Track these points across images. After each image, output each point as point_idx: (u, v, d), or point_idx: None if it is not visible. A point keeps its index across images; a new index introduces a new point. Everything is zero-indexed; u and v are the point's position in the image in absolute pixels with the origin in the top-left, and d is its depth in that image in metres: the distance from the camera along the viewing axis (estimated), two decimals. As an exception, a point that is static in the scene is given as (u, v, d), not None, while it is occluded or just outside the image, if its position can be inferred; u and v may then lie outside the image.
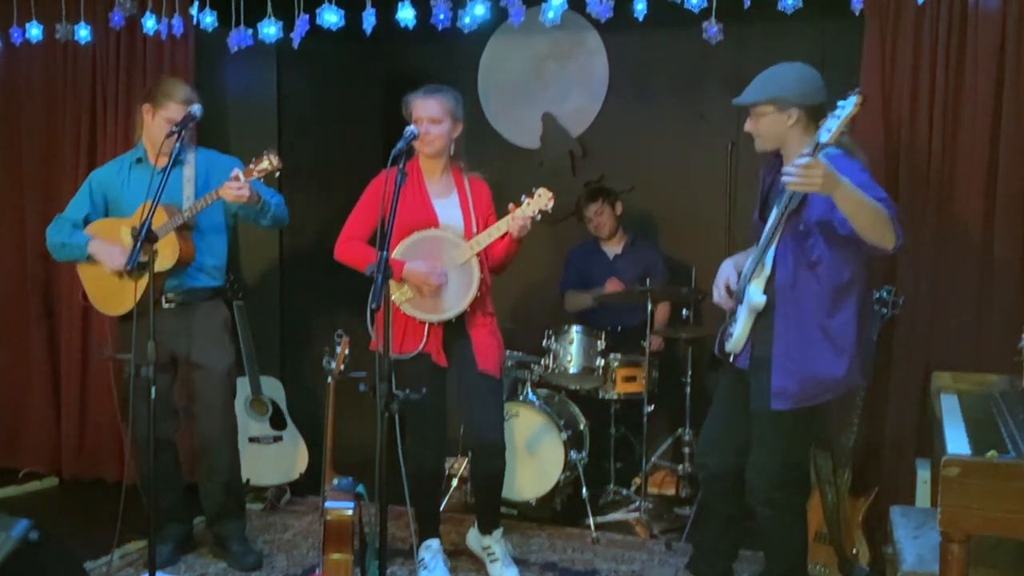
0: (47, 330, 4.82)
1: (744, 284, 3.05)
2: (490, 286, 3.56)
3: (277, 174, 3.44)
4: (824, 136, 2.64)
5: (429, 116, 3.39)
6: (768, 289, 2.97)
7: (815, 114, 2.92)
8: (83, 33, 4.42)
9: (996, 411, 2.74)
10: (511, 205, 3.35)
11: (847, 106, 2.61)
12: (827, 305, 2.90)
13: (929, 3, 3.51)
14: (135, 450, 3.65)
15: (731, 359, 3.13)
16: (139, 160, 3.68)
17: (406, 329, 3.45)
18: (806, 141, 2.94)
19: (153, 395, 3.07)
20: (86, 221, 3.68)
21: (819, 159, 2.61)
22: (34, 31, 4.45)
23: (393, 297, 3.37)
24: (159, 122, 3.54)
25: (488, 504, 3.70)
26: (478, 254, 3.42)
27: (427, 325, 3.44)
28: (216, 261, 3.71)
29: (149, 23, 4.27)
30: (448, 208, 3.50)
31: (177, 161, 3.59)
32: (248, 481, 4.30)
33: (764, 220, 3.07)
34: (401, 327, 3.43)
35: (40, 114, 4.75)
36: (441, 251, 3.42)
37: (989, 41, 3.45)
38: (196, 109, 3.39)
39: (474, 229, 3.47)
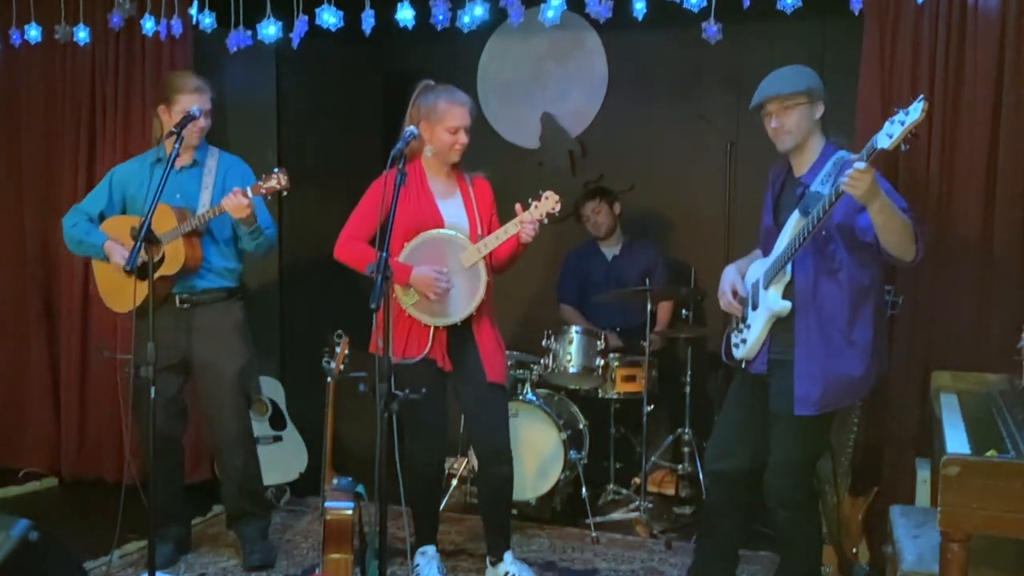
0: (47, 330, 4.83)
1: (758, 290, 3.04)
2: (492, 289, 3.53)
3: (284, 193, 3.45)
4: (884, 142, 2.52)
5: (466, 126, 3.38)
6: (788, 295, 2.95)
7: (825, 113, 2.97)
8: (82, 35, 4.42)
9: (996, 411, 2.74)
10: (518, 207, 3.29)
11: (913, 112, 2.46)
12: (848, 310, 2.89)
13: (929, 3, 3.51)
14: (141, 449, 3.67)
15: (743, 365, 3.11)
16: (159, 160, 3.69)
17: (410, 334, 3.38)
18: (820, 140, 2.98)
19: (153, 395, 3.06)
20: (101, 215, 3.70)
21: (871, 167, 2.57)
22: (33, 32, 4.45)
23: (400, 301, 3.35)
24: (177, 118, 3.53)
25: (498, 521, 3.57)
26: (484, 257, 3.37)
27: (432, 329, 3.38)
28: (228, 263, 3.70)
29: (148, 24, 4.27)
30: (453, 208, 3.45)
31: (196, 163, 3.63)
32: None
33: (778, 225, 3.03)
34: (405, 332, 3.37)
35: (39, 115, 4.75)
36: (447, 253, 3.36)
37: (989, 41, 3.45)
38: (195, 110, 3.40)
39: (479, 230, 3.42)
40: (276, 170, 3.41)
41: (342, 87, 5.36)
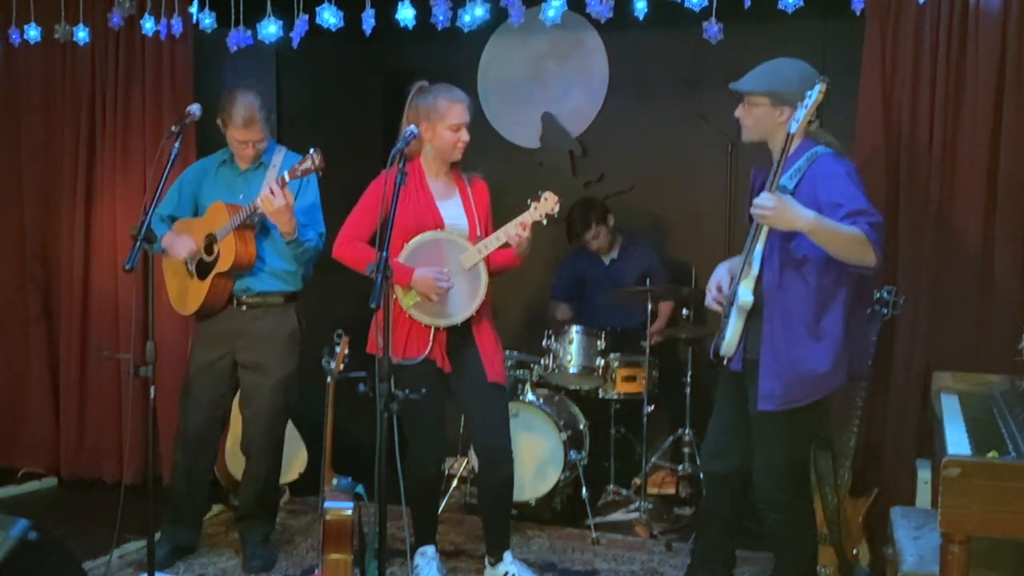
0: (46, 330, 4.82)
1: (735, 286, 3.04)
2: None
3: (320, 173, 3.39)
4: (793, 127, 2.72)
5: (467, 123, 3.36)
6: (756, 290, 2.95)
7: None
8: (82, 34, 4.41)
9: (996, 411, 2.74)
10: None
11: (813, 94, 2.68)
12: (814, 304, 2.88)
13: (930, 3, 3.51)
14: (174, 446, 3.74)
15: (725, 362, 3.11)
16: (224, 162, 3.71)
17: (409, 334, 3.37)
18: (797, 140, 2.94)
19: (152, 395, 3.06)
20: (173, 217, 3.72)
21: (778, 196, 2.71)
22: (33, 32, 4.44)
23: (400, 302, 3.33)
24: (232, 140, 3.59)
25: (498, 521, 3.57)
26: (484, 258, 3.36)
27: (432, 330, 3.37)
28: (286, 265, 3.66)
29: (148, 24, 4.27)
30: (452, 209, 3.44)
31: (262, 165, 3.66)
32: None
33: (752, 222, 3.03)
34: (404, 333, 3.36)
35: (39, 115, 4.75)
36: (447, 255, 3.34)
37: (990, 41, 3.45)
38: (194, 109, 3.38)
39: (478, 230, 3.42)
40: (312, 150, 3.36)
41: (342, 87, 5.36)
